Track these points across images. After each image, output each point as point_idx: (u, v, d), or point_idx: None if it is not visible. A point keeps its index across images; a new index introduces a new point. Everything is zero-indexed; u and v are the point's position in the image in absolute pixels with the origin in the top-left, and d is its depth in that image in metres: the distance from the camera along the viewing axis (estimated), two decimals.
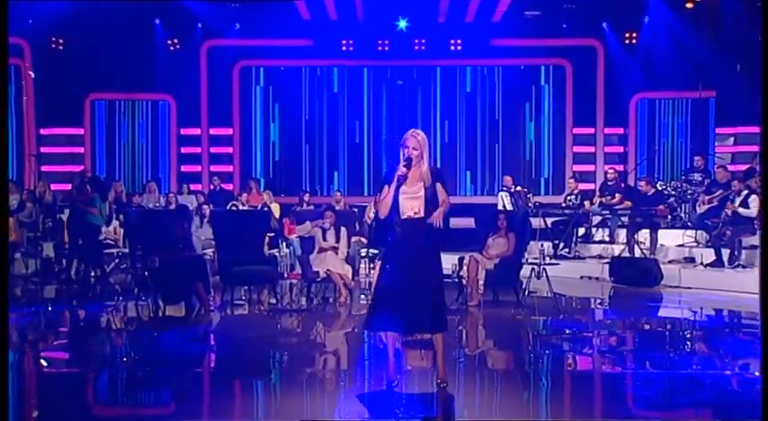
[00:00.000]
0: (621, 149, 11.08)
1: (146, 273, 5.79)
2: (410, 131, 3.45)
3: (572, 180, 9.39)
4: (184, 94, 11.04)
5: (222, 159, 11.69)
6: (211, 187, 10.68)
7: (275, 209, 9.45)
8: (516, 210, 8.81)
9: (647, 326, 5.45)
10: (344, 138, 11.53)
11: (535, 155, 11.35)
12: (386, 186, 3.41)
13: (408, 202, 3.42)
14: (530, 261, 6.87)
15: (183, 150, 11.28)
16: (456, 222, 8.22)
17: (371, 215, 8.80)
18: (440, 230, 3.43)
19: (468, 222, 7.82)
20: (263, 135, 11.71)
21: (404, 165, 3.41)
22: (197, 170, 11.47)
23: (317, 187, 11.56)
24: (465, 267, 6.37)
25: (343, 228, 6.87)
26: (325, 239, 6.84)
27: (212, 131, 11.59)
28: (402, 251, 3.41)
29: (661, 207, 8.17)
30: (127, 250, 7.82)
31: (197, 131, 11.51)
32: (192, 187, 10.56)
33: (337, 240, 6.79)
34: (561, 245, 8.81)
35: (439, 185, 3.46)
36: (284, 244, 8.97)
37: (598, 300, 6.79)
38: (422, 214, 3.43)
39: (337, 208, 9.33)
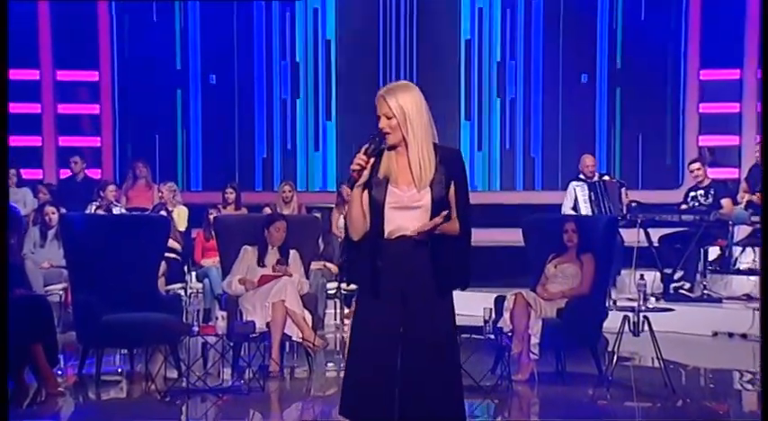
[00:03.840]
0: None
1: None
2: (383, 88, 3.50)
3: (697, 164, 9.27)
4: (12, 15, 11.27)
5: (82, 126, 11.79)
6: (65, 175, 10.69)
7: (180, 214, 9.57)
8: (598, 214, 8.93)
9: None
10: (298, 96, 11.84)
11: (629, 118, 11.51)
12: (350, 187, 3.52)
13: (398, 214, 3.51)
14: (621, 304, 6.97)
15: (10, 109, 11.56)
16: (488, 237, 8.40)
17: (341, 224, 8.96)
18: (453, 254, 3.52)
19: (512, 237, 7.87)
20: (161, 85, 11.86)
21: (366, 149, 3.47)
22: (35, 144, 11.53)
23: (256, 177, 11.79)
24: (507, 313, 6.47)
25: (293, 252, 7.00)
26: (262, 264, 6.90)
27: (62, 75, 11.67)
28: (389, 291, 3.50)
29: None
30: None
31: (33, 75, 11.56)
32: (27, 174, 10.58)
33: (284, 265, 6.90)
34: (678, 276, 8.91)
35: (453, 186, 3.52)
36: (194, 274, 9.09)
37: (746, 377, 6.85)
38: (423, 236, 3.50)
39: (285, 211, 9.51)
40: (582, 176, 9.60)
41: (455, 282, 3.58)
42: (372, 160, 3.48)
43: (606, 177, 9.55)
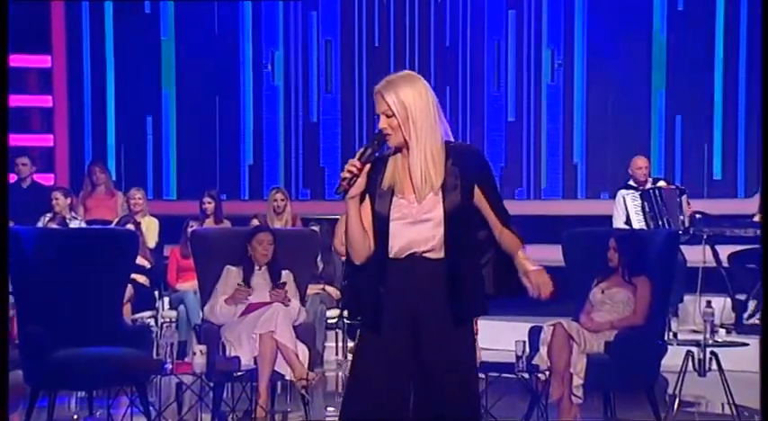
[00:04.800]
0: None
1: None
2: (381, 82, 3.52)
3: None
4: None
5: (31, 122, 11.87)
6: (11, 179, 10.76)
7: (150, 227, 9.61)
8: (653, 228, 8.92)
9: None
10: (291, 93, 11.94)
11: (693, 113, 11.52)
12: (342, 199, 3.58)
13: (405, 229, 3.53)
14: (683, 337, 6.98)
15: None
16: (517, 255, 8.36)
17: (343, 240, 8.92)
18: (474, 275, 3.56)
19: (550, 255, 7.95)
20: (127, 75, 11.97)
21: (362, 153, 3.48)
22: None
23: (242, 184, 11.91)
24: (544, 348, 6.47)
25: (286, 272, 7.01)
26: (248, 287, 6.92)
27: (15, 61, 11.78)
28: (397, 322, 3.53)
29: None
30: None
31: None
32: None
33: (276, 290, 6.91)
34: (754, 304, 8.90)
35: (478, 190, 3.55)
36: (167, 300, 9.13)
37: None
38: (437, 251, 3.52)
39: (277, 223, 9.58)
40: (632, 183, 9.63)
41: (477, 307, 3.60)
42: (368, 167, 3.49)
43: (662, 183, 9.58)
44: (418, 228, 3.50)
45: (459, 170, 3.50)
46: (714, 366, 6.55)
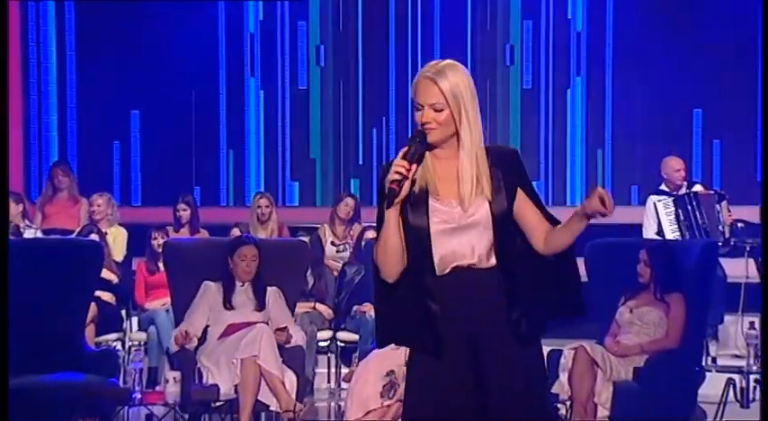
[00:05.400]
0: None
1: None
2: (426, 69, 3.56)
3: None
4: None
5: None
6: None
7: (117, 238, 9.60)
8: (689, 239, 8.90)
9: None
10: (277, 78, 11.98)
11: (734, 105, 11.50)
12: (387, 206, 3.51)
13: (448, 238, 3.54)
14: (723, 363, 7.16)
15: None
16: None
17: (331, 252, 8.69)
18: (532, 286, 3.58)
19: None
20: (90, 66, 11.99)
21: (406, 152, 3.48)
22: None
23: (222, 188, 11.92)
24: (565, 375, 6.51)
25: (272, 289, 7.05)
26: (229, 305, 6.92)
27: None
28: (454, 346, 3.54)
29: None
30: None
31: None
32: None
33: (259, 308, 6.94)
34: None
35: (521, 194, 3.58)
36: (135, 321, 9.12)
37: None
38: (486, 260, 3.55)
39: (261, 233, 9.62)
40: (665, 187, 9.62)
41: (540, 323, 3.60)
42: (416, 167, 3.48)
43: (698, 187, 9.57)
44: (466, 234, 3.51)
45: (500, 173, 3.54)
46: (758, 396, 6.52)
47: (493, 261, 3.51)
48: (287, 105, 12.08)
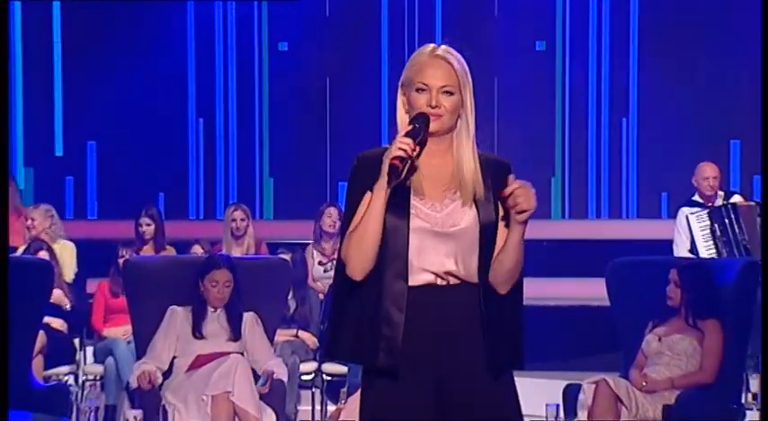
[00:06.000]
0: None
1: None
2: (436, 47, 3.62)
3: None
4: None
5: None
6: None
7: (64, 254, 9.55)
8: (727, 256, 8.96)
9: None
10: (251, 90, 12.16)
11: None
12: (367, 193, 3.54)
13: (427, 243, 3.56)
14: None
15: None
16: (552, 290, 8.65)
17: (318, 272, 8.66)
18: (513, 309, 3.61)
19: (589, 291, 8.27)
20: (32, 59, 12.12)
21: (408, 131, 3.50)
22: None
23: (190, 200, 12.08)
24: (584, 413, 6.54)
25: (249, 315, 7.10)
26: (199, 334, 6.91)
27: None
28: (417, 374, 3.56)
29: None
30: None
31: None
32: None
33: (234, 337, 6.96)
34: None
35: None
36: (91, 351, 9.14)
37: None
38: (466, 274, 3.56)
39: (236, 250, 9.69)
40: (698, 197, 9.62)
41: (515, 351, 3.61)
42: (419, 149, 3.48)
43: (737, 197, 9.58)
44: (445, 242, 3.53)
45: (491, 182, 3.57)
46: None
47: (474, 277, 3.53)
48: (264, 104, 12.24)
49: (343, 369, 8.67)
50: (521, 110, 11.87)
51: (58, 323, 8.71)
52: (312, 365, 8.90)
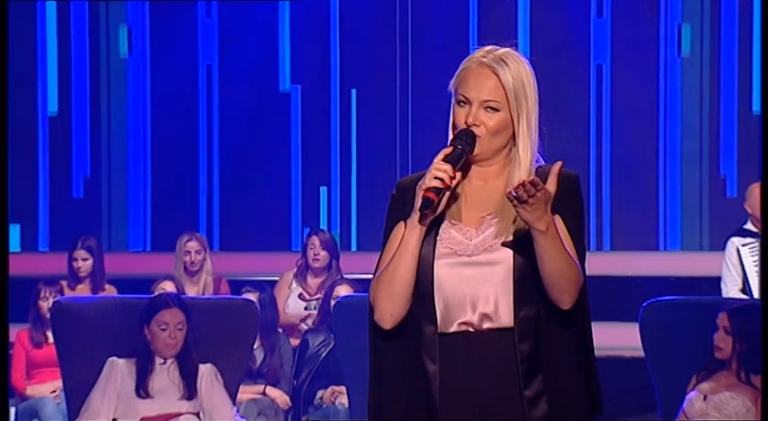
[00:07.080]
0: None
1: None
2: (483, 53, 3.61)
3: None
4: None
5: None
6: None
7: None
8: None
9: None
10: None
11: None
12: (401, 224, 3.58)
13: (459, 276, 3.57)
14: None
15: None
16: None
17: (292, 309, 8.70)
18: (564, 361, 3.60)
19: (619, 338, 8.25)
20: None
21: (448, 154, 3.51)
22: None
23: (130, 228, 12.11)
24: None
25: (206, 368, 7.13)
26: (145, 392, 6.91)
27: None
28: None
29: None
30: None
31: None
32: None
33: (188, 395, 6.98)
34: None
35: (560, 222, 3.55)
36: (12, 413, 9.14)
37: None
38: (502, 316, 3.56)
39: (190, 289, 9.79)
40: (751, 226, 9.70)
41: (577, 409, 3.59)
42: (460, 176, 3.51)
43: None
44: (477, 273, 3.54)
45: (557, 199, 3.48)
46: None
47: (510, 318, 3.51)
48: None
49: None
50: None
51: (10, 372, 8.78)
52: None
